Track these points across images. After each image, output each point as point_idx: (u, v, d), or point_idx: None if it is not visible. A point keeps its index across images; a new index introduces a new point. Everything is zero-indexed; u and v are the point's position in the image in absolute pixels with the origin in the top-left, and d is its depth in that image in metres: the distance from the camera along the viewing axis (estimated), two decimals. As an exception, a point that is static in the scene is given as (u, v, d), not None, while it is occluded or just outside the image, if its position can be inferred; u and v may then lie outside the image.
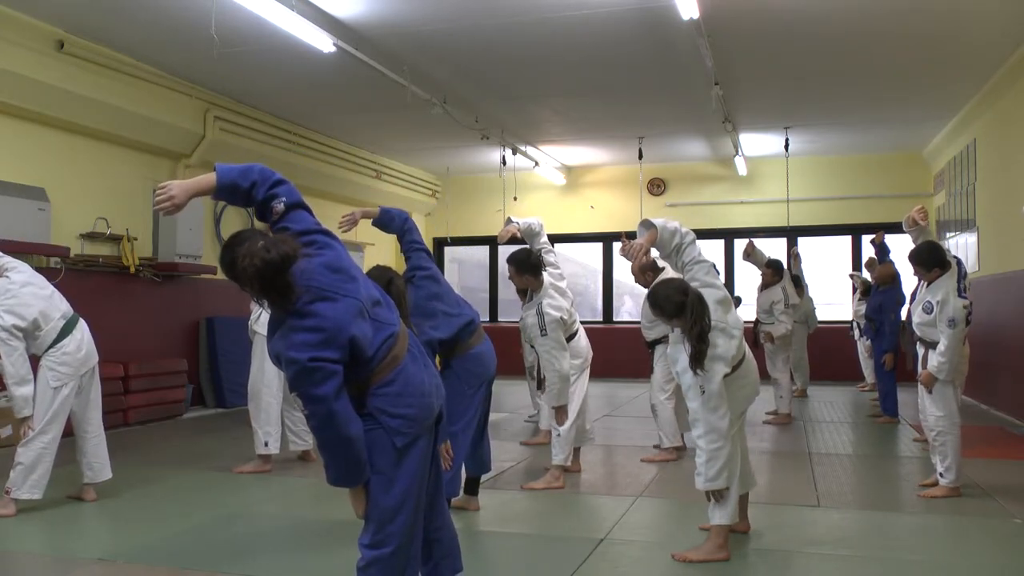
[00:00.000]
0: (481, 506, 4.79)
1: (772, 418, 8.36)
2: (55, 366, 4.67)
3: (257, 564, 3.87)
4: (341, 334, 2.41)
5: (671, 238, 3.93)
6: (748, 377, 4.02)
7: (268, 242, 2.37)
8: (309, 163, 10.85)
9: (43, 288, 4.75)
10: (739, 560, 3.87)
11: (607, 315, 14.13)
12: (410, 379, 2.58)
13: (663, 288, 3.84)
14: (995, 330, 8.80)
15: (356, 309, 2.48)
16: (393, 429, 2.52)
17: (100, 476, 5.00)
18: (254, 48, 7.49)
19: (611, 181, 13.82)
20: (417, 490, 2.58)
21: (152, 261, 8.80)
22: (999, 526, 4.48)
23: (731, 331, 3.81)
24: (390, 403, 2.53)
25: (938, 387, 5.02)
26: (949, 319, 4.90)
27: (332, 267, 2.50)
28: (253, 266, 2.33)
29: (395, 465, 2.53)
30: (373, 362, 2.52)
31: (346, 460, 2.46)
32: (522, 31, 7.22)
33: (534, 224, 5.66)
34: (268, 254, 2.33)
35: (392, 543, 2.52)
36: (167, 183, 2.58)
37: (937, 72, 8.53)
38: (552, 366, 5.13)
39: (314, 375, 2.36)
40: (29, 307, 4.59)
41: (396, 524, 2.53)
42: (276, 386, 6.04)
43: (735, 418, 3.88)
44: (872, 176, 12.73)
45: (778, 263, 8.61)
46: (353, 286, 2.52)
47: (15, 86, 6.94)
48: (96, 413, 4.98)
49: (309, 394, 2.38)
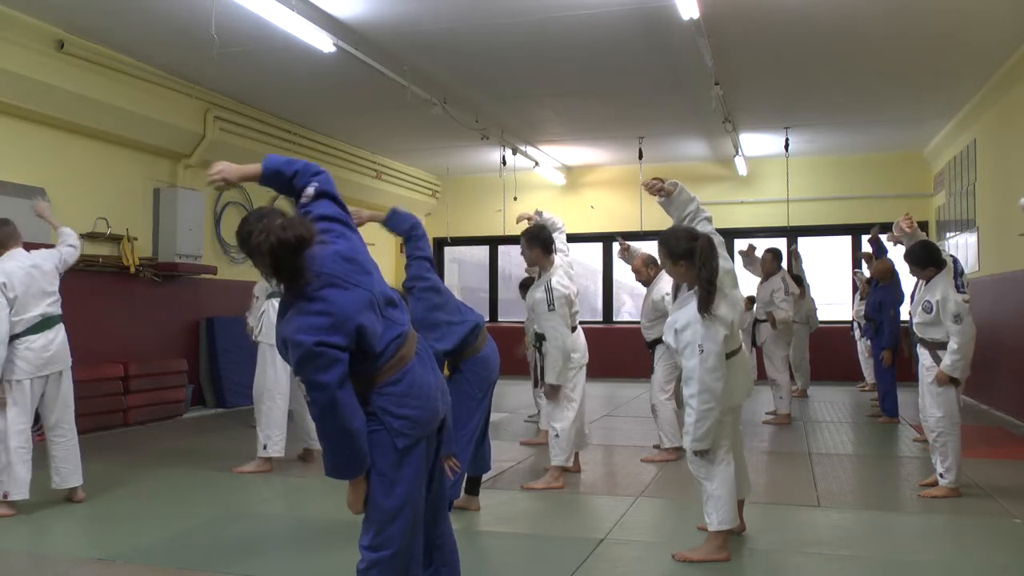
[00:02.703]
0: (481, 506, 4.79)
1: (772, 418, 8.36)
2: (14, 358, 4.70)
3: (257, 564, 3.88)
4: (349, 322, 2.39)
5: (688, 202, 3.98)
6: (743, 367, 4.02)
7: (286, 222, 2.38)
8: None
9: (41, 281, 4.84)
10: (739, 560, 3.87)
11: (607, 315, 14.12)
12: (416, 380, 2.56)
13: (673, 231, 3.87)
14: (995, 330, 8.79)
15: (366, 300, 2.47)
16: (396, 430, 2.50)
17: (67, 482, 4.92)
18: (254, 48, 7.49)
19: (611, 181, 13.82)
20: (417, 493, 2.56)
21: (152, 261, 8.80)
22: (999, 526, 4.48)
23: (733, 300, 3.85)
24: (395, 403, 2.51)
25: (939, 388, 5.02)
26: (954, 315, 4.90)
27: (346, 256, 2.50)
28: (268, 243, 2.34)
29: (396, 467, 2.51)
30: (381, 359, 2.51)
31: (345, 451, 2.43)
32: (522, 31, 7.22)
33: (556, 221, 5.86)
34: (284, 233, 2.34)
35: (392, 546, 2.51)
36: (219, 164, 2.67)
37: (937, 72, 8.53)
38: (555, 342, 5.18)
39: (318, 360, 2.35)
40: (17, 283, 4.72)
41: (396, 527, 2.51)
42: (279, 390, 6.05)
43: (727, 411, 3.88)
44: (872, 176, 12.73)
45: (776, 250, 8.72)
46: (366, 279, 2.51)
47: (15, 86, 6.94)
48: (67, 417, 4.94)
49: (312, 380, 2.36)
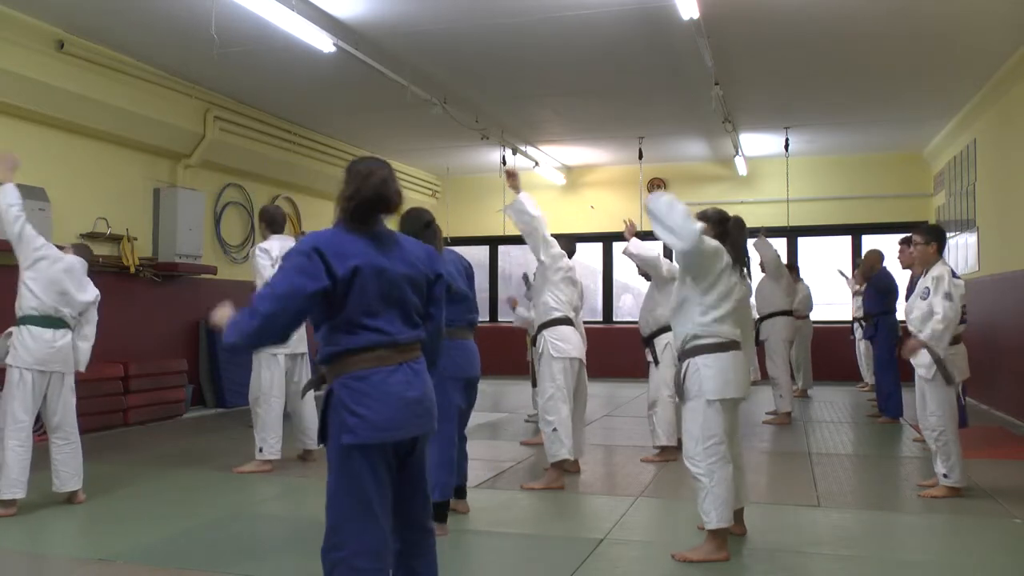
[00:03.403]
0: (481, 506, 4.79)
1: (772, 418, 8.36)
2: (18, 344, 4.73)
3: (257, 564, 3.88)
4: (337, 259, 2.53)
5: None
6: (742, 362, 4.02)
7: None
8: (309, 163, 10.85)
9: (70, 282, 4.90)
10: (739, 560, 3.87)
11: (607, 315, 14.13)
12: (385, 388, 2.55)
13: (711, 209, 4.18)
14: (995, 330, 8.80)
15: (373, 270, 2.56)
16: (346, 426, 2.51)
17: (66, 486, 4.92)
18: (254, 48, 7.49)
19: (611, 181, 13.82)
20: (367, 506, 2.53)
21: (152, 261, 8.80)
22: (999, 526, 4.48)
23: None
24: (353, 399, 2.52)
25: (936, 386, 5.02)
26: (945, 292, 4.96)
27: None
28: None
29: (340, 465, 2.53)
30: (355, 342, 2.54)
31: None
32: (522, 31, 7.22)
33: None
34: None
35: (346, 549, 2.51)
36: None
37: (937, 72, 8.53)
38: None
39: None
40: (54, 275, 4.83)
41: (348, 533, 2.52)
42: (274, 394, 6.08)
43: (727, 405, 3.90)
44: (872, 176, 12.73)
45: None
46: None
47: (15, 86, 6.94)
48: (68, 421, 4.92)
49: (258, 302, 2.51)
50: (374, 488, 2.54)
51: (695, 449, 3.87)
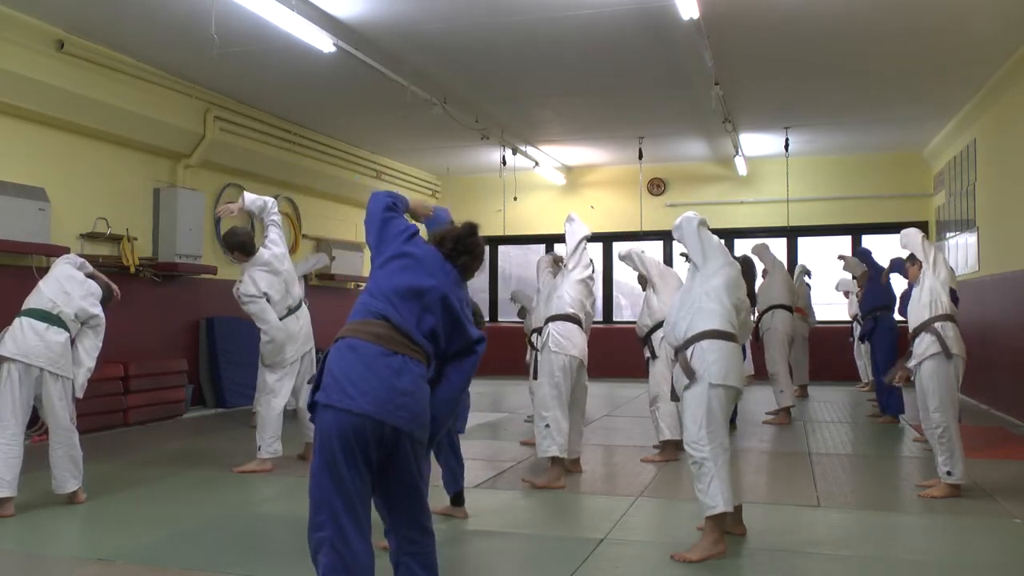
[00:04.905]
0: (481, 506, 4.79)
1: (772, 418, 8.36)
2: (8, 334, 4.77)
3: (257, 564, 3.88)
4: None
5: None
6: (739, 354, 4.09)
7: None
8: (309, 163, 10.85)
9: (78, 288, 5.02)
10: (739, 560, 3.87)
11: (607, 315, 14.12)
12: (340, 364, 2.67)
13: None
14: (995, 330, 8.80)
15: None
16: (321, 380, 2.69)
17: (63, 487, 4.89)
18: (254, 48, 7.49)
19: (611, 181, 13.81)
20: (332, 492, 2.58)
21: (152, 261, 8.80)
22: (999, 526, 4.48)
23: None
24: (332, 359, 2.72)
25: (937, 364, 5.05)
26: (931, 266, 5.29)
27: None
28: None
29: (316, 429, 2.66)
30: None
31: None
32: (522, 31, 7.22)
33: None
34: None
35: (328, 528, 2.58)
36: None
37: (937, 72, 8.53)
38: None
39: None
40: (71, 291, 4.96)
41: (323, 514, 2.59)
42: (275, 394, 6.05)
43: (728, 393, 3.95)
44: (872, 176, 12.73)
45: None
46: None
47: (15, 86, 6.94)
48: (63, 424, 4.87)
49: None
50: (346, 468, 2.58)
51: (698, 433, 3.90)
